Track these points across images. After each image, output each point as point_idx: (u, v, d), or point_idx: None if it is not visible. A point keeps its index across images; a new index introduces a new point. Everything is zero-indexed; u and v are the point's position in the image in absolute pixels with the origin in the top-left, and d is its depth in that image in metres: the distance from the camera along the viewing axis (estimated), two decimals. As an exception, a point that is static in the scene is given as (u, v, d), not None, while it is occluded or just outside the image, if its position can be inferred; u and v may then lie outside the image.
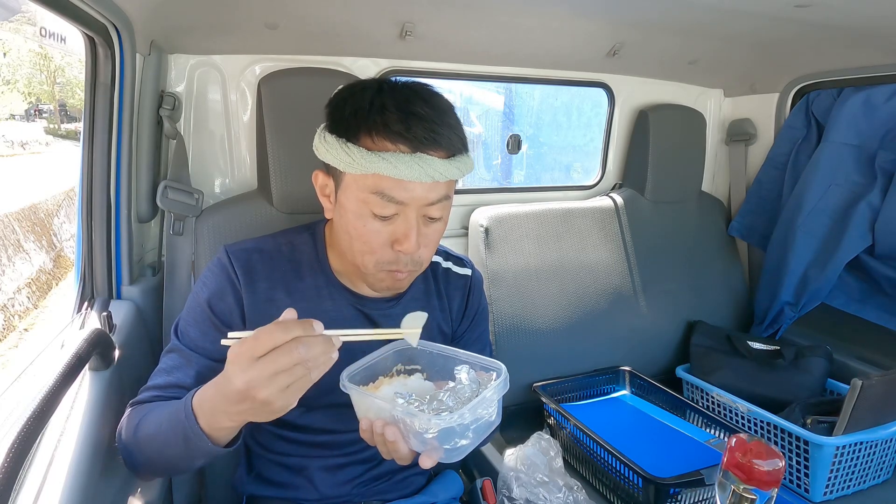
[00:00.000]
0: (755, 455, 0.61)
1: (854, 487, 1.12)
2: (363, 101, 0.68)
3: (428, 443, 0.59)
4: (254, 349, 0.52)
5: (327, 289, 0.80)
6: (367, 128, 0.66)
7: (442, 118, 0.68)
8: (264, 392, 0.52)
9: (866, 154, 1.38)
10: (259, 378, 0.51)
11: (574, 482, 0.99)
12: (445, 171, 0.67)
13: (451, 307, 0.89)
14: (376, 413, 0.62)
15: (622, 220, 1.52)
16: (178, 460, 0.65)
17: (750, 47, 1.36)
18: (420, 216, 0.69)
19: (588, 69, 1.49)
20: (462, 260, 0.93)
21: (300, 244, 0.82)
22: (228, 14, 1.00)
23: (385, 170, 0.65)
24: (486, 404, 0.61)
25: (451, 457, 0.61)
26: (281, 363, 0.51)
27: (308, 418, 0.81)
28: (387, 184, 0.66)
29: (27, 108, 15.75)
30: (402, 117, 0.66)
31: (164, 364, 0.73)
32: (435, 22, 1.12)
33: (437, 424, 0.58)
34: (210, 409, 0.59)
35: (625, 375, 1.41)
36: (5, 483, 0.48)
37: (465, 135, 0.72)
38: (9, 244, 6.17)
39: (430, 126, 0.66)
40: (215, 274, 0.77)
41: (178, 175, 1.05)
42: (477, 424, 0.61)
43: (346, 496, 0.83)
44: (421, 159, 0.65)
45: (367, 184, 0.67)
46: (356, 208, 0.69)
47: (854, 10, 1.03)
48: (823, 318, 1.50)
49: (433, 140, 0.66)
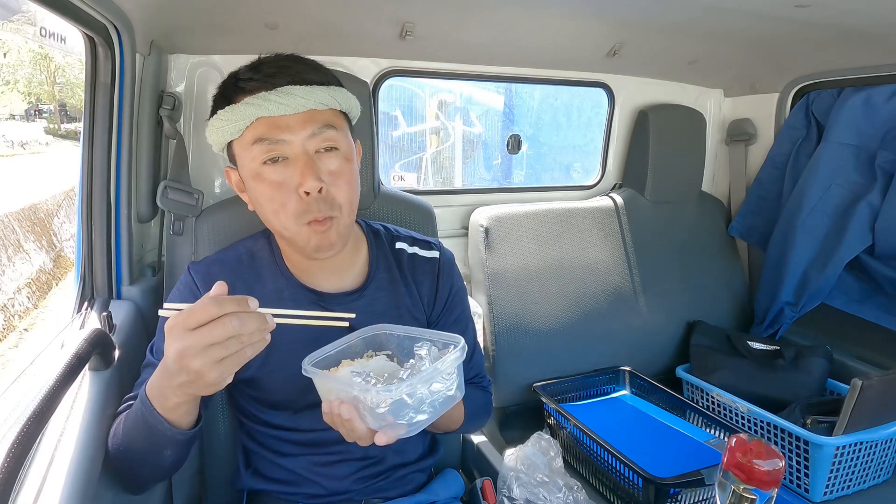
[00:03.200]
0: (755, 455, 0.61)
1: (854, 487, 1.12)
2: (228, 78, 0.75)
3: (383, 418, 0.59)
4: (187, 321, 0.52)
5: (289, 290, 0.81)
6: (228, 95, 0.73)
7: (298, 60, 0.74)
8: (196, 363, 0.52)
9: (866, 154, 1.38)
10: (192, 348, 0.52)
11: (574, 482, 0.99)
12: (308, 97, 0.70)
13: (420, 292, 0.88)
14: (336, 394, 0.62)
15: (622, 220, 1.52)
16: (148, 454, 0.66)
17: (750, 47, 1.36)
18: (309, 151, 0.71)
19: (588, 69, 1.49)
20: (430, 243, 0.92)
21: (258, 250, 0.84)
22: (228, 14, 1.00)
23: (250, 112, 0.69)
24: (440, 377, 0.61)
25: (409, 432, 0.60)
26: (214, 335, 0.52)
27: (296, 420, 0.82)
28: (262, 128, 0.70)
29: (27, 108, 15.75)
30: (256, 68, 0.72)
31: (142, 378, 0.76)
32: (435, 22, 1.12)
33: (387, 398, 0.57)
34: (157, 389, 0.61)
35: (625, 375, 1.41)
36: (5, 483, 0.48)
37: (328, 71, 0.77)
38: (9, 244, 6.17)
39: (284, 64, 0.72)
40: (180, 291, 0.80)
41: (178, 175, 1.05)
42: (433, 398, 0.60)
43: (346, 493, 0.84)
44: (281, 92, 0.69)
45: (247, 140, 0.71)
46: (252, 170, 0.72)
47: (854, 10, 1.03)
48: (823, 318, 1.50)
49: (288, 74, 0.71)
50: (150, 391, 0.62)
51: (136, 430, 0.64)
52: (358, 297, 0.83)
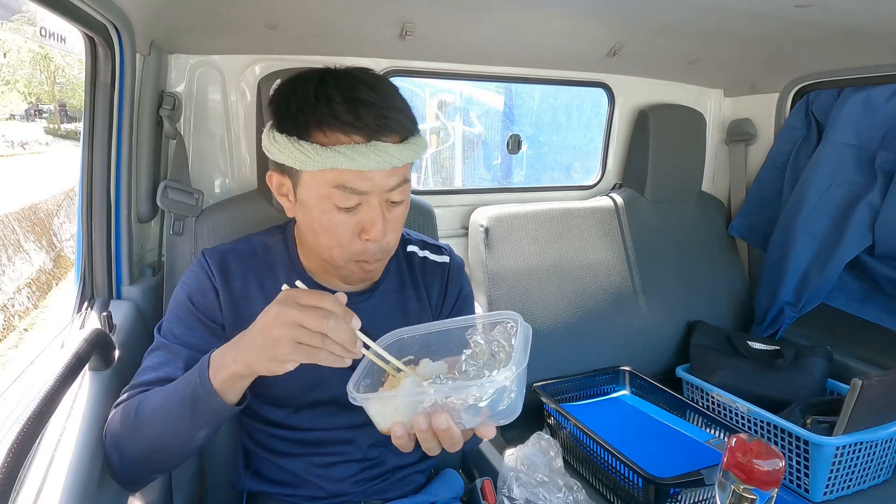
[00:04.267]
0: (755, 455, 0.61)
1: (854, 487, 1.12)
2: (308, 94, 0.67)
3: (482, 412, 0.57)
4: (300, 296, 0.57)
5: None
6: (317, 122, 0.66)
7: (389, 102, 0.68)
8: (279, 331, 0.56)
9: (866, 154, 1.38)
10: (285, 316, 0.55)
11: (574, 482, 0.99)
12: (402, 156, 0.67)
13: (429, 296, 0.88)
14: (408, 411, 0.58)
15: (622, 220, 1.52)
16: (180, 433, 0.65)
17: (750, 47, 1.36)
18: (383, 202, 0.70)
19: (588, 69, 1.49)
20: (440, 248, 0.92)
21: (273, 245, 0.83)
22: (228, 14, 1.00)
23: (343, 163, 0.64)
24: (521, 353, 0.60)
25: (506, 417, 0.59)
26: (309, 319, 0.55)
27: (297, 419, 0.82)
28: (346, 176, 0.66)
29: (27, 108, 15.75)
30: (349, 107, 0.65)
31: (150, 362, 0.73)
32: (435, 22, 1.12)
33: (492, 385, 0.56)
34: (220, 355, 0.63)
35: (625, 375, 1.41)
36: (5, 483, 0.48)
37: (413, 115, 0.72)
38: (9, 244, 6.17)
39: (380, 112, 0.66)
40: (195, 273, 0.79)
41: (178, 175, 1.05)
42: (515, 374, 0.58)
43: (345, 494, 0.83)
44: (376, 147, 0.65)
45: (326, 179, 0.67)
46: (318, 203, 0.69)
47: (854, 10, 1.03)
48: (823, 318, 1.50)
49: (385, 126, 0.66)
50: (213, 361, 0.63)
51: (174, 409, 0.64)
52: (368, 298, 0.83)
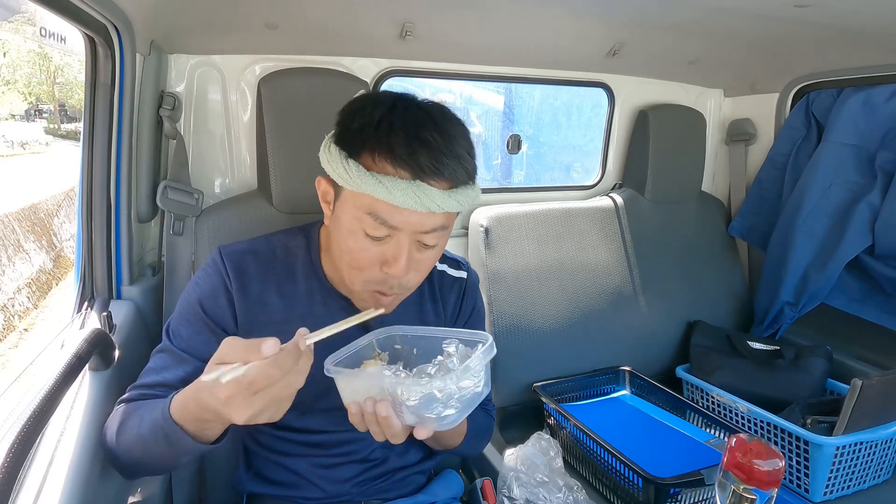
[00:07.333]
0: (755, 455, 0.61)
1: (854, 487, 1.12)
2: (372, 117, 0.65)
3: (415, 412, 0.59)
4: (252, 387, 0.51)
5: (320, 293, 0.80)
6: (370, 146, 0.64)
7: (451, 147, 0.65)
8: (262, 418, 0.54)
9: (866, 154, 1.38)
10: (262, 413, 0.53)
11: (574, 482, 0.99)
12: (443, 203, 0.64)
13: (445, 310, 0.89)
14: (365, 391, 0.62)
15: (622, 220, 1.52)
16: (164, 459, 0.65)
17: (750, 47, 1.36)
18: (413, 242, 0.68)
19: (588, 69, 1.49)
20: (458, 262, 0.92)
21: (294, 247, 0.82)
22: (228, 14, 1.00)
23: (380, 193, 0.62)
24: (470, 374, 0.61)
25: (441, 427, 0.61)
26: (279, 395, 0.53)
27: (304, 421, 0.81)
28: (381, 207, 0.64)
29: (27, 108, 15.75)
30: (407, 141, 0.63)
31: (154, 363, 0.73)
32: (435, 22, 1.12)
33: (419, 391, 0.58)
34: (195, 416, 0.58)
35: (625, 375, 1.41)
36: (5, 483, 0.48)
37: (473, 165, 0.69)
38: (9, 244, 6.17)
39: (436, 155, 0.63)
40: (209, 274, 0.77)
41: (178, 175, 1.05)
42: (461, 394, 0.60)
43: (346, 495, 0.84)
44: (419, 188, 0.63)
45: (362, 202, 0.65)
46: (349, 224, 0.68)
47: (854, 10, 1.03)
48: (823, 318, 1.50)
49: (436, 170, 0.63)
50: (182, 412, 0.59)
51: (148, 439, 0.62)
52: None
